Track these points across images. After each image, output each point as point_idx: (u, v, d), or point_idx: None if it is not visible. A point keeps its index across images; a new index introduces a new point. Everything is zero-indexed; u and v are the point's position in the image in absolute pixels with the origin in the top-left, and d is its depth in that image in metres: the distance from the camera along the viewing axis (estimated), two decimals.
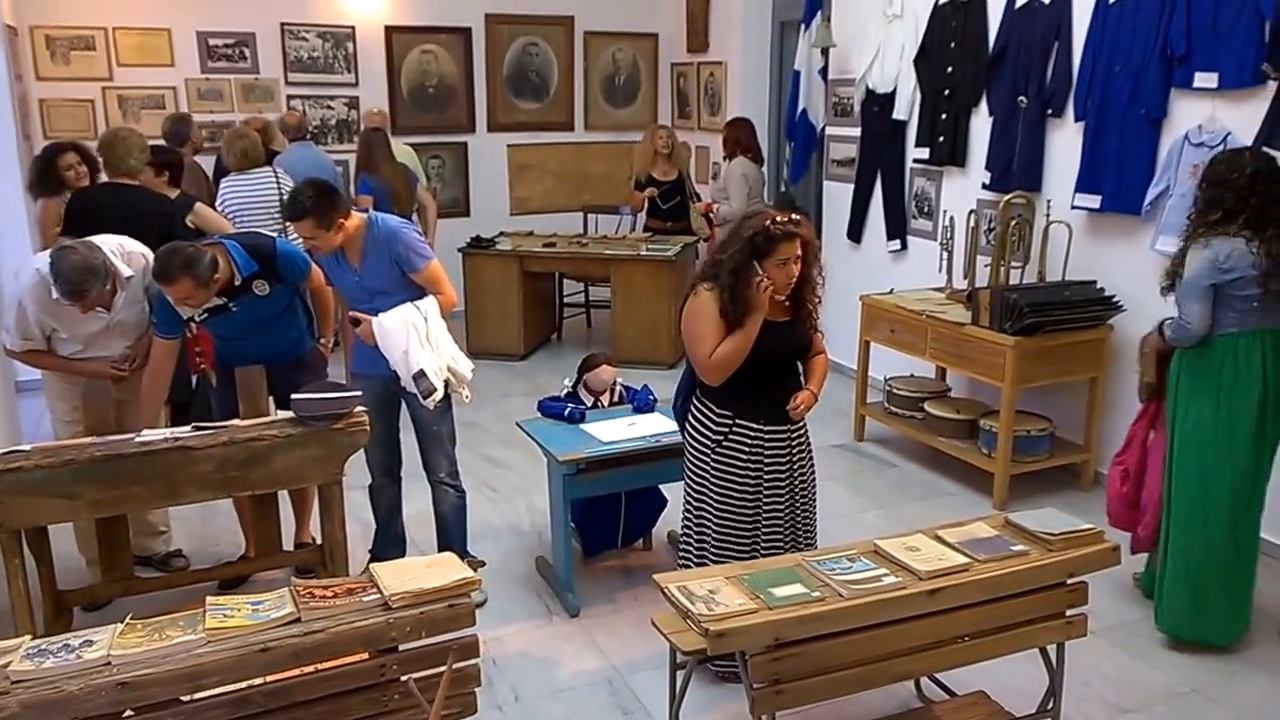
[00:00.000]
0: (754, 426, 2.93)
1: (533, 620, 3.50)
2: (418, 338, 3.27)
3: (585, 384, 3.91)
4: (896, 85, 5.56)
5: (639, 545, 4.03)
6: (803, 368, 3.07)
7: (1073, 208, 4.52)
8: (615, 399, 3.94)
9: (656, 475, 3.69)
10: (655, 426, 3.60)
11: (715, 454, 2.95)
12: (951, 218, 5.19)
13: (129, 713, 2.01)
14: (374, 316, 3.28)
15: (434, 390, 3.27)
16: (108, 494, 2.85)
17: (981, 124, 5.08)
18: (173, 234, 3.74)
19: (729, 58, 7.37)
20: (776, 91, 7.24)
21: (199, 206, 4.47)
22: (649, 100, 8.37)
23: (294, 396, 3.04)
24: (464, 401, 3.47)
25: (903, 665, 2.54)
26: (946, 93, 5.24)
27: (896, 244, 5.77)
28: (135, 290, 3.41)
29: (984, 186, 5.03)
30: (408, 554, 3.69)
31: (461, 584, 2.27)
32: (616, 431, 3.56)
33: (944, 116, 5.27)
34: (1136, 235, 4.31)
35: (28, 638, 2.12)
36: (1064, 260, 4.58)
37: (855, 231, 6.08)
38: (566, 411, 3.68)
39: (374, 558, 3.60)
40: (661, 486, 3.90)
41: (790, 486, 3.01)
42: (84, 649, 2.03)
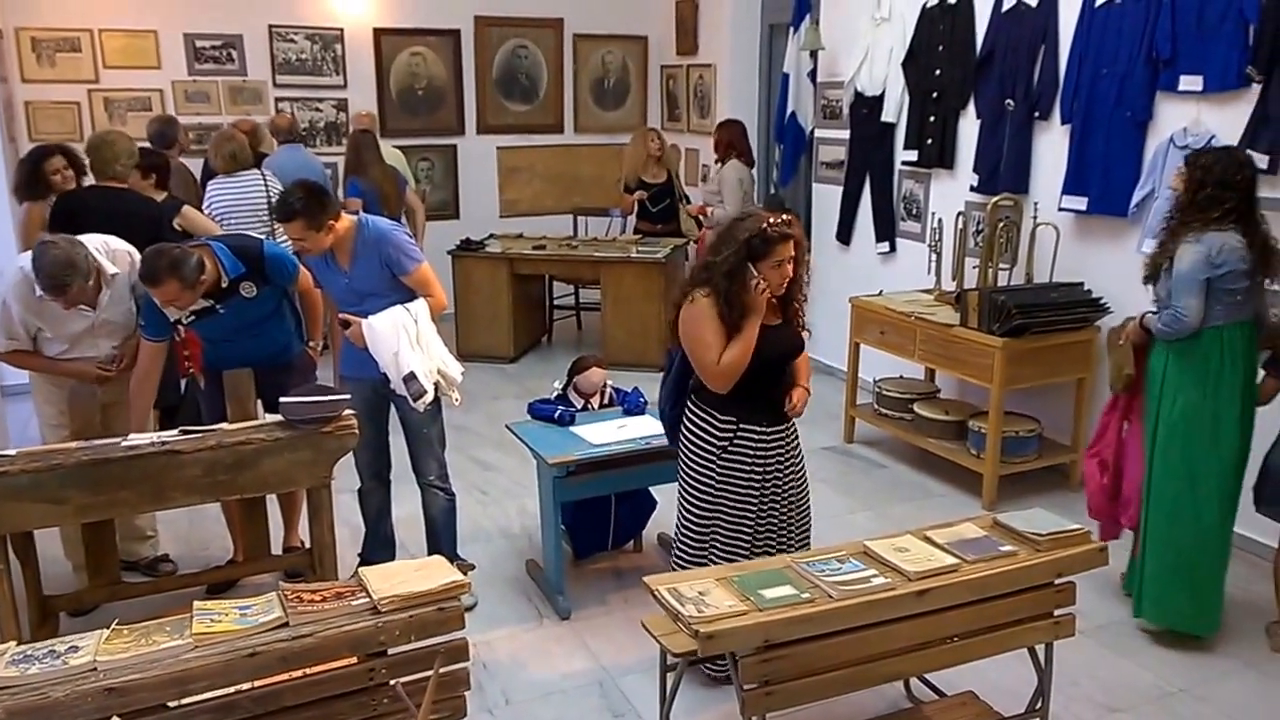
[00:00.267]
0: (758, 430, 2.93)
1: (523, 623, 3.49)
2: (408, 340, 3.26)
3: (575, 386, 3.91)
4: (885, 88, 5.58)
5: (629, 547, 4.03)
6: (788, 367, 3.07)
7: (1060, 210, 4.55)
8: (605, 401, 3.93)
9: (647, 477, 3.69)
10: (645, 429, 3.60)
11: (720, 460, 2.93)
12: (940, 220, 5.21)
13: (115, 719, 2.00)
14: (364, 319, 3.27)
15: (424, 392, 3.26)
16: (94, 499, 2.83)
17: (969, 126, 5.11)
18: (160, 237, 3.72)
19: (718, 60, 7.38)
20: (765, 94, 7.26)
21: (186, 209, 4.45)
22: (639, 103, 8.37)
23: (282, 400, 3.03)
24: (454, 404, 3.46)
25: (892, 666, 2.55)
26: (934, 95, 5.27)
27: (885, 246, 5.79)
28: (121, 289, 3.39)
29: (972, 189, 5.05)
30: (397, 557, 3.68)
31: (450, 587, 2.26)
32: (606, 434, 3.56)
33: (932, 119, 5.29)
34: (1123, 237, 4.33)
35: (13, 643, 2.10)
36: (1051, 262, 4.60)
37: (844, 233, 6.10)
38: (556, 414, 3.68)
39: (363, 561, 3.59)
40: (652, 488, 3.90)
41: (788, 485, 3.03)
42: (70, 655, 2.02)
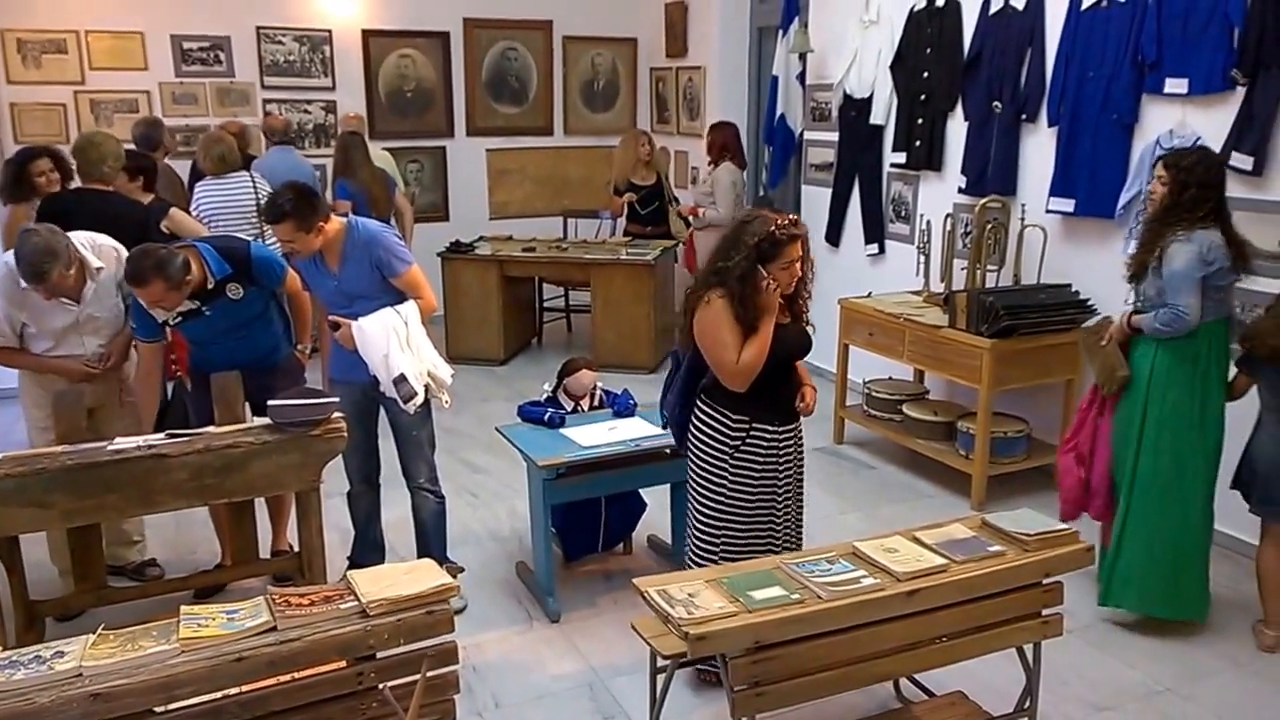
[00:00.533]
0: (770, 428, 2.97)
1: (513, 625, 3.48)
2: (398, 342, 3.25)
3: (565, 388, 3.91)
4: (873, 90, 5.60)
5: (619, 549, 4.02)
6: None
7: (1047, 212, 4.57)
8: (595, 403, 3.93)
9: (637, 479, 3.69)
10: (635, 431, 3.60)
11: (733, 458, 2.96)
12: (928, 221, 5.22)
13: None
14: (353, 321, 3.26)
15: (415, 394, 3.25)
16: (80, 503, 2.82)
17: (957, 129, 5.13)
18: (147, 239, 3.69)
19: (707, 63, 7.39)
20: (755, 96, 7.26)
21: (174, 211, 4.43)
22: (628, 105, 8.37)
23: (270, 403, 3.02)
24: (444, 407, 3.45)
25: (882, 666, 2.55)
26: (923, 98, 5.28)
27: (874, 248, 5.81)
28: (106, 284, 3.37)
29: (960, 191, 5.07)
30: (387, 560, 3.67)
31: (440, 590, 2.25)
32: (596, 436, 3.55)
33: (920, 121, 5.31)
34: (1110, 239, 4.36)
35: None
36: (1039, 263, 4.62)
37: (833, 235, 6.11)
38: (546, 416, 3.68)
39: (352, 564, 3.58)
40: (642, 491, 3.90)
41: (794, 483, 3.08)
42: (55, 660, 2.00)
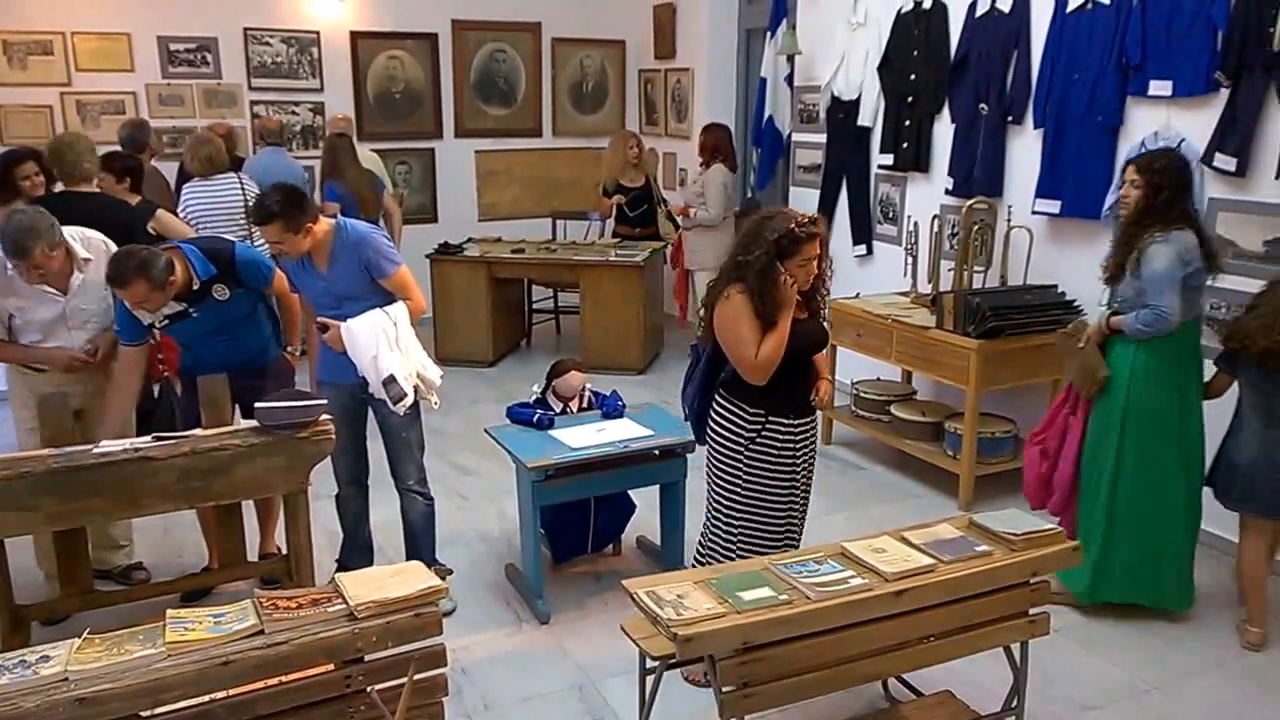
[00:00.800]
0: (785, 422, 3.03)
1: (502, 627, 3.48)
2: (387, 343, 3.24)
3: (554, 390, 3.90)
4: (861, 92, 5.62)
5: (609, 551, 4.02)
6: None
7: (1033, 213, 4.60)
8: (584, 405, 3.93)
9: (626, 480, 3.69)
10: (624, 432, 3.60)
11: (748, 451, 3.02)
12: (916, 223, 5.24)
13: None
14: (342, 322, 3.25)
15: (404, 395, 3.25)
16: (66, 506, 2.80)
17: (944, 130, 5.15)
18: (133, 240, 3.68)
19: (696, 65, 7.41)
20: (743, 98, 7.29)
21: (160, 213, 4.41)
22: (617, 106, 8.37)
23: (257, 405, 3.01)
24: (432, 408, 3.44)
25: (870, 666, 2.56)
26: (910, 100, 5.31)
27: (862, 249, 5.82)
28: (94, 278, 3.36)
29: (947, 192, 5.09)
30: (375, 562, 3.66)
31: (428, 592, 2.25)
32: (585, 437, 3.55)
33: (907, 123, 5.33)
34: (1095, 240, 4.37)
35: None
36: (1025, 264, 4.65)
37: None
38: (535, 418, 3.68)
39: (341, 567, 3.57)
40: (630, 492, 3.90)
41: (809, 477, 3.16)
42: (41, 665, 1.99)
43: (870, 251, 5.79)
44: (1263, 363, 3.20)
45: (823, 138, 6.01)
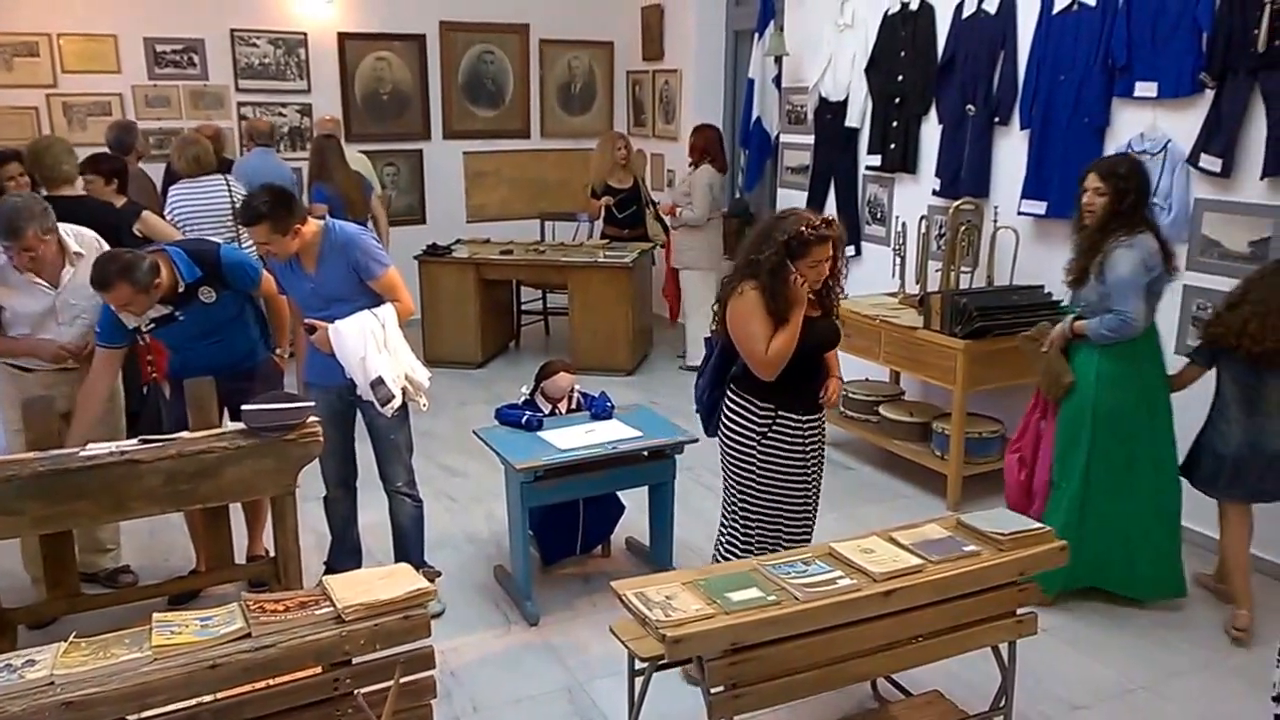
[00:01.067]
0: (794, 417, 3.05)
1: (491, 629, 3.48)
2: (375, 344, 3.24)
3: (543, 391, 3.90)
4: (848, 93, 5.63)
5: (598, 552, 4.02)
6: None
7: (1019, 214, 4.62)
8: (573, 406, 3.93)
9: (614, 482, 3.69)
10: (613, 433, 3.60)
11: (760, 446, 3.05)
12: (904, 224, 5.26)
13: None
14: (330, 324, 3.24)
15: (392, 397, 3.24)
16: (52, 509, 2.78)
17: (931, 131, 5.17)
18: (120, 243, 3.67)
19: (684, 66, 7.41)
20: (731, 99, 7.30)
21: (146, 214, 4.39)
22: (605, 108, 8.38)
23: (244, 407, 2.99)
24: (421, 410, 3.44)
25: (859, 666, 2.56)
26: (897, 101, 5.32)
27: (851, 250, 5.83)
28: (86, 271, 3.34)
29: (934, 193, 5.11)
30: (364, 565, 3.65)
31: (416, 595, 2.24)
32: (574, 439, 3.55)
33: (895, 124, 5.35)
34: None
35: None
36: (1011, 265, 4.67)
37: None
38: (524, 419, 3.67)
39: (329, 569, 3.56)
40: (619, 493, 3.90)
41: (820, 473, 3.18)
42: (26, 669, 1.98)
43: (859, 252, 5.80)
44: (1258, 360, 3.24)
45: (810, 139, 6.03)
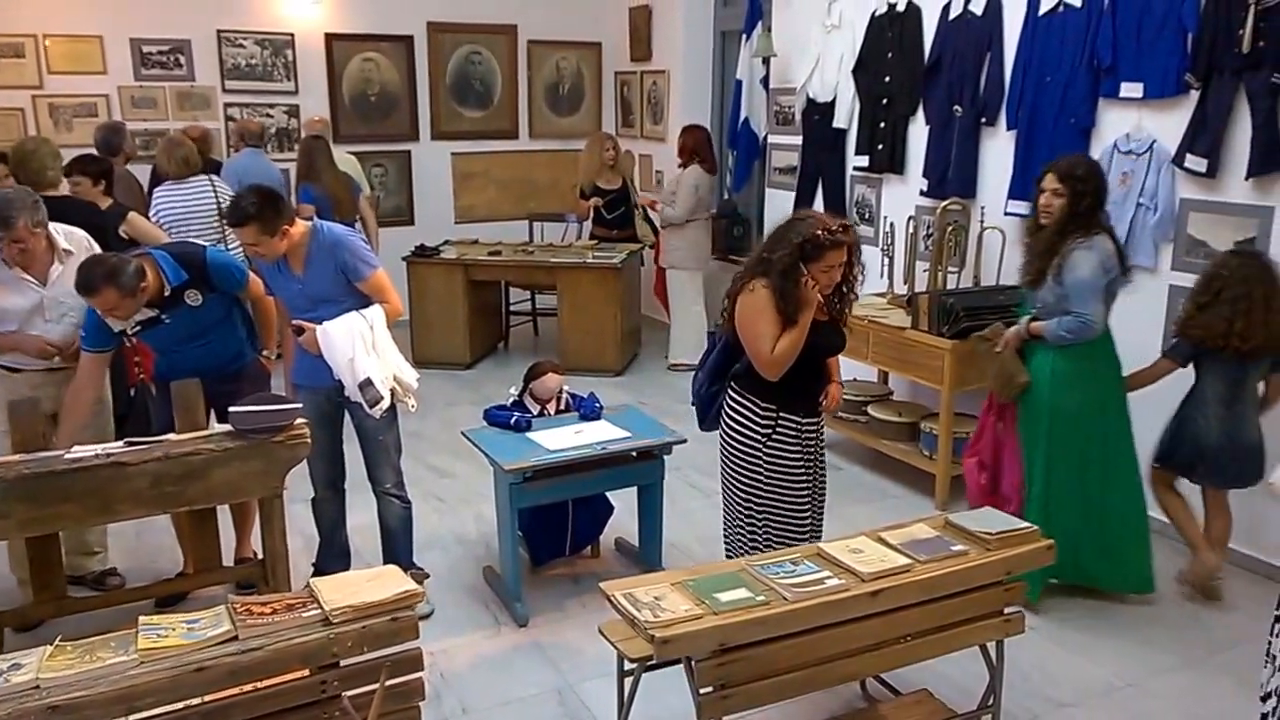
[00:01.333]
0: (795, 419, 3.06)
1: (480, 631, 3.47)
2: (363, 346, 3.23)
3: (531, 392, 3.90)
4: (836, 94, 5.65)
5: (587, 553, 4.02)
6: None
7: (1006, 214, 4.64)
8: (562, 407, 3.93)
9: (604, 482, 3.69)
10: (602, 434, 3.60)
11: (766, 445, 3.06)
12: (891, 224, 5.28)
13: None
14: (318, 325, 3.23)
15: (380, 398, 3.23)
16: (38, 512, 2.76)
17: (919, 132, 5.19)
18: (106, 244, 3.66)
19: (672, 67, 7.42)
20: (719, 100, 7.31)
21: (132, 216, 4.38)
22: (593, 108, 8.37)
23: (232, 409, 2.98)
24: (409, 411, 3.43)
25: (848, 666, 2.57)
26: (884, 102, 5.34)
27: None
28: (74, 271, 3.32)
29: (922, 193, 5.13)
30: (352, 566, 3.64)
31: (404, 597, 2.24)
32: (563, 439, 3.55)
33: (882, 125, 5.37)
34: None
35: None
36: (998, 265, 4.69)
37: None
38: (512, 420, 3.67)
39: (318, 571, 3.55)
40: (609, 494, 3.90)
41: (822, 469, 3.21)
42: (12, 672, 1.97)
43: None
44: (1245, 357, 3.28)
45: (798, 139, 6.04)
